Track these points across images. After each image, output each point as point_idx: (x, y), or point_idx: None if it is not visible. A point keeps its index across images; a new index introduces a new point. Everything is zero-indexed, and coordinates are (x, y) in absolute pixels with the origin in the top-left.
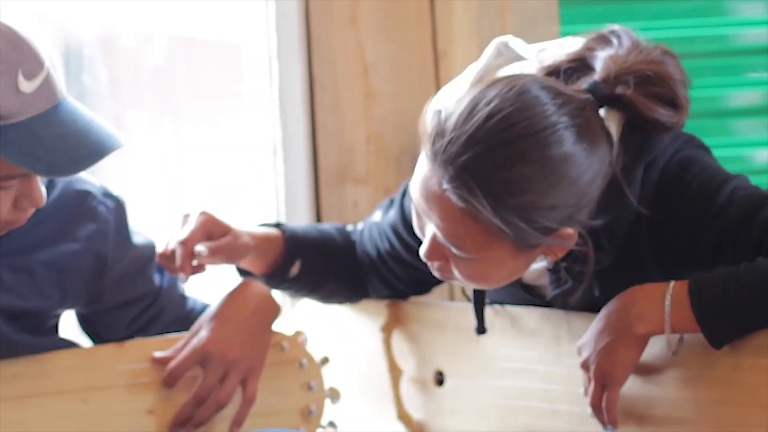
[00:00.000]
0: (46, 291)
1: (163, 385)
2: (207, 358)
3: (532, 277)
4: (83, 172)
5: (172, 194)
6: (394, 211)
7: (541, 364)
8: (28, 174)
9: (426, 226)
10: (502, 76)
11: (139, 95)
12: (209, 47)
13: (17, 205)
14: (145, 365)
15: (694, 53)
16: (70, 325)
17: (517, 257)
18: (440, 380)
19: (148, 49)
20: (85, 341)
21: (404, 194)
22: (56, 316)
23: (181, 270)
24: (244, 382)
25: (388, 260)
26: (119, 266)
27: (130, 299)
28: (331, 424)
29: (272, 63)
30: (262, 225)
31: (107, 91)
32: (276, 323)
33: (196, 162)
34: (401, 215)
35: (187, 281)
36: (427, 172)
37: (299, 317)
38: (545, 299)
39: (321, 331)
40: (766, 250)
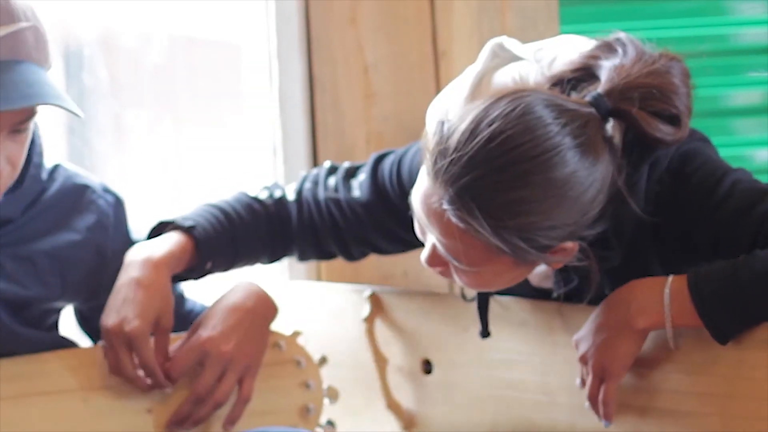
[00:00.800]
0: (47, 280)
1: (163, 385)
2: (205, 356)
3: (539, 279)
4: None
5: (172, 194)
6: (363, 189)
7: (535, 355)
8: None
9: (426, 233)
10: (505, 89)
11: (139, 95)
12: (209, 47)
13: None
14: None
15: (694, 53)
16: (69, 325)
17: (517, 269)
18: (428, 369)
19: (148, 49)
20: (84, 341)
21: (376, 170)
22: (56, 311)
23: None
24: (240, 381)
25: (346, 238)
26: (119, 261)
27: None
28: (330, 423)
29: (272, 63)
30: (166, 223)
31: (107, 91)
32: (273, 323)
33: (196, 162)
34: (377, 194)
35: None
36: (429, 189)
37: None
38: (551, 296)
39: (302, 323)
40: (762, 242)
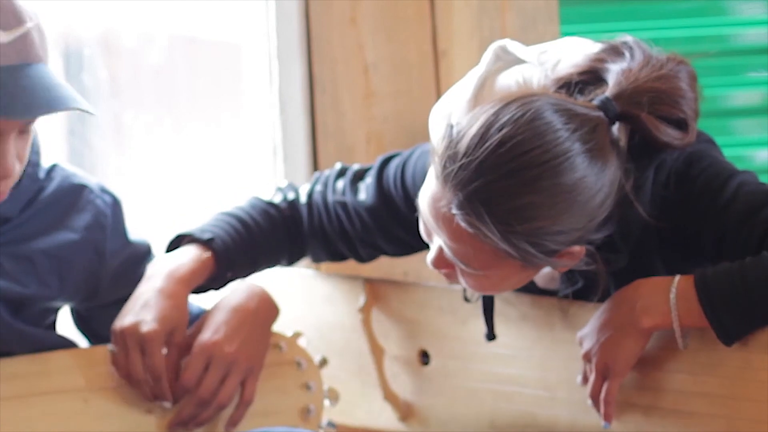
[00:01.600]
0: (45, 279)
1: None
2: (209, 359)
3: (545, 280)
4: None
5: (172, 194)
6: (369, 192)
7: (535, 350)
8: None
9: (433, 235)
10: (514, 92)
11: (139, 95)
12: (209, 47)
13: None
14: None
15: (695, 53)
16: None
17: (523, 272)
18: (425, 360)
19: (148, 49)
20: (82, 342)
21: (381, 173)
22: (54, 311)
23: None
24: (243, 383)
25: (354, 240)
26: (116, 261)
27: (126, 296)
28: (330, 424)
29: (272, 63)
30: (183, 236)
31: (107, 91)
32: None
33: (196, 162)
34: (382, 197)
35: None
36: (437, 193)
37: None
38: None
39: (298, 312)
40: None
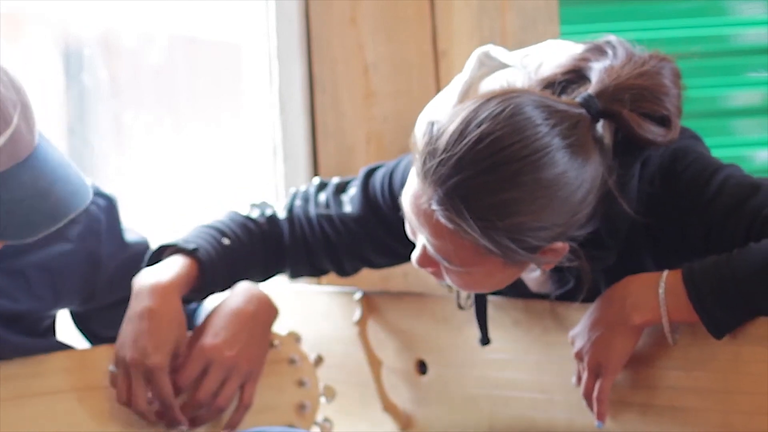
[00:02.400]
0: (39, 293)
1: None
2: (209, 363)
3: (537, 284)
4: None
5: (173, 194)
6: (355, 204)
7: (529, 354)
8: None
9: (417, 234)
10: (496, 90)
11: (139, 95)
12: (209, 47)
13: None
14: None
15: (694, 53)
16: (66, 326)
17: (507, 269)
18: (423, 370)
19: (148, 49)
20: (80, 340)
21: (366, 184)
22: (51, 317)
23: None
24: (242, 387)
25: (340, 253)
26: (113, 265)
27: (124, 297)
28: (326, 420)
29: (272, 63)
30: (168, 246)
31: (107, 91)
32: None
33: (196, 162)
34: (369, 208)
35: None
36: (418, 190)
37: None
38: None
39: (294, 326)
40: (755, 236)
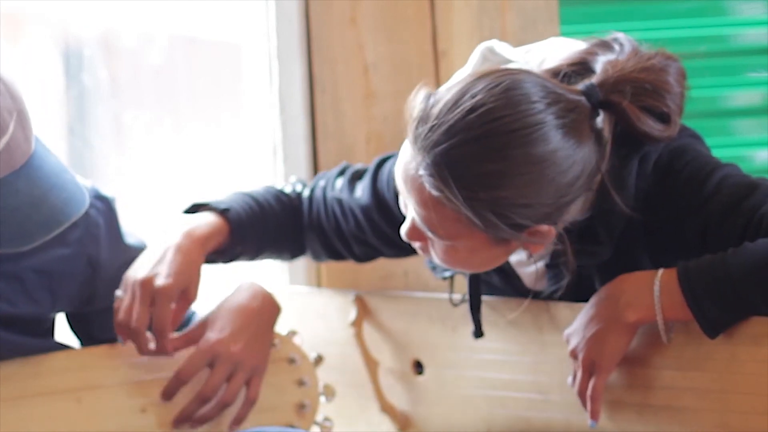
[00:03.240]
0: (36, 297)
1: (169, 388)
2: (215, 358)
3: (533, 280)
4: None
5: (173, 194)
6: (364, 192)
7: (525, 354)
8: None
9: (408, 205)
10: (497, 67)
11: (139, 95)
12: (209, 47)
13: None
14: (138, 364)
15: (694, 53)
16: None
17: (493, 248)
18: (419, 370)
19: (148, 49)
20: (76, 343)
21: (377, 174)
22: (50, 320)
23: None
24: (248, 382)
25: (348, 238)
26: (112, 268)
27: None
28: (327, 419)
29: (272, 63)
30: (200, 204)
31: (107, 91)
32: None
33: (196, 162)
34: (375, 198)
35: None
36: (408, 156)
37: None
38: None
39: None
40: (751, 235)
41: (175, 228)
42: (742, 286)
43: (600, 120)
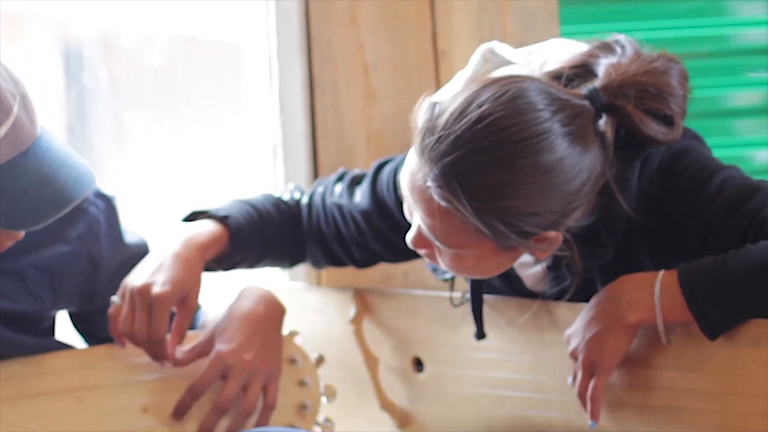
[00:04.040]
0: (38, 294)
1: (183, 404)
2: (228, 369)
3: (534, 281)
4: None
5: (172, 194)
6: (364, 196)
7: (525, 354)
8: None
9: (414, 213)
10: (501, 76)
11: (139, 95)
12: (209, 47)
13: None
14: (139, 364)
15: (694, 53)
16: (65, 327)
17: (500, 255)
18: (419, 368)
19: (148, 49)
20: (79, 341)
21: (376, 178)
22: (50, 318)
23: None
24: (264, 388)
25: (349, 244)
26: (113, 265)
27: None
28: (328, 420)
29: (272, 63)
30: (199, 212)
31: (107, 91)
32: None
33: (196, 162)
34: (375, 202)
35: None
36: (415, 166)
37: None
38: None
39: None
40: (752, 238)
41: (174, 236)
42: (742, 288)
43: (603, 123)
